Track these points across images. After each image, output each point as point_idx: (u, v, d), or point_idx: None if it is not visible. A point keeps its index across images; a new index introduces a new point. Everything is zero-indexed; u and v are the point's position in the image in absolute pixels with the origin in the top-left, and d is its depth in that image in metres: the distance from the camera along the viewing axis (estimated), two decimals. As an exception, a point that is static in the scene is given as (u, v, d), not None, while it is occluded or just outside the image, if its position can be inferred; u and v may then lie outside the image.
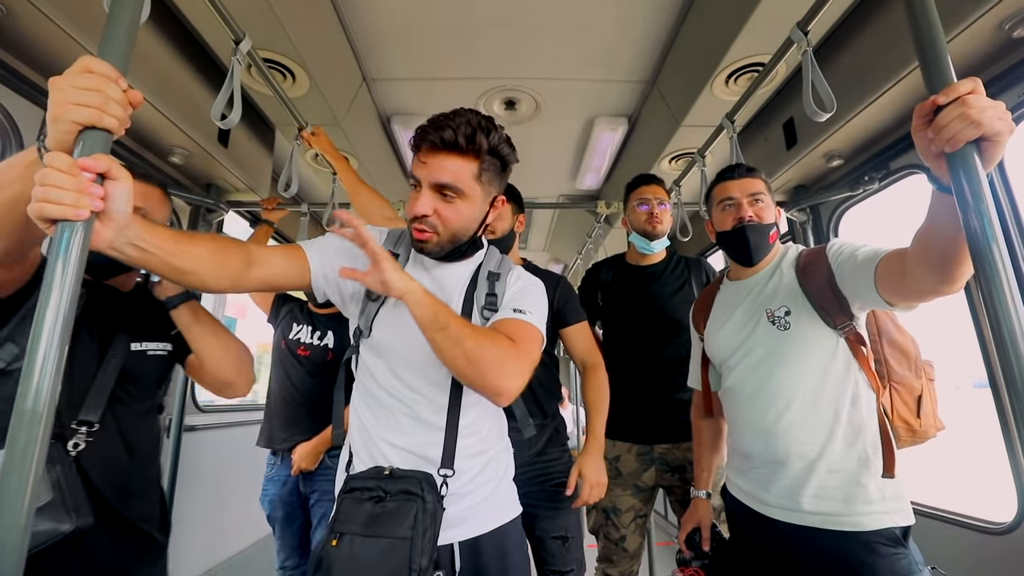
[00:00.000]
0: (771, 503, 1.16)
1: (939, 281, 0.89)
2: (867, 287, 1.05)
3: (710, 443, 1.45)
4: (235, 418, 2.70)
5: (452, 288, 1.04)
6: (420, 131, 0.93)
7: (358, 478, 0.91)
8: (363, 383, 1.01)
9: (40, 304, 0.57)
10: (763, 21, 1.47)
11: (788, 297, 1.19)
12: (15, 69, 1.40)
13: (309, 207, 2.30)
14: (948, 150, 0.69)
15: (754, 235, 1.24)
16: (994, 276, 0.63)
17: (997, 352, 0.63)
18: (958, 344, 1.77)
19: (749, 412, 1.21)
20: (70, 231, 0.60)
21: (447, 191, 0.92)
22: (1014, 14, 1.25)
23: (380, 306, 0.99)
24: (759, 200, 1.26)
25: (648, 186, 1.84)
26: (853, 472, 1.08)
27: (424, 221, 0.93)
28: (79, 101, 0.61)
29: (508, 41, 1.87)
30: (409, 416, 0.96)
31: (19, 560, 0.52)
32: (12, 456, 0.53)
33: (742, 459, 1.25)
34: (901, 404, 1.15)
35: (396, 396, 0.97)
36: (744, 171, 1.31)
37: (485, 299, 1.05)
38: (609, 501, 1.69)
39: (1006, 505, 1.43)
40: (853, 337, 1.12)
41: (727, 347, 1.28)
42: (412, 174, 0.94)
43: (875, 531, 1.04)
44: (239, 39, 1.31)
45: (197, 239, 0.82)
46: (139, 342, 1.12)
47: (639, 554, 1.73)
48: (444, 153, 0.91)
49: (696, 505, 1.43)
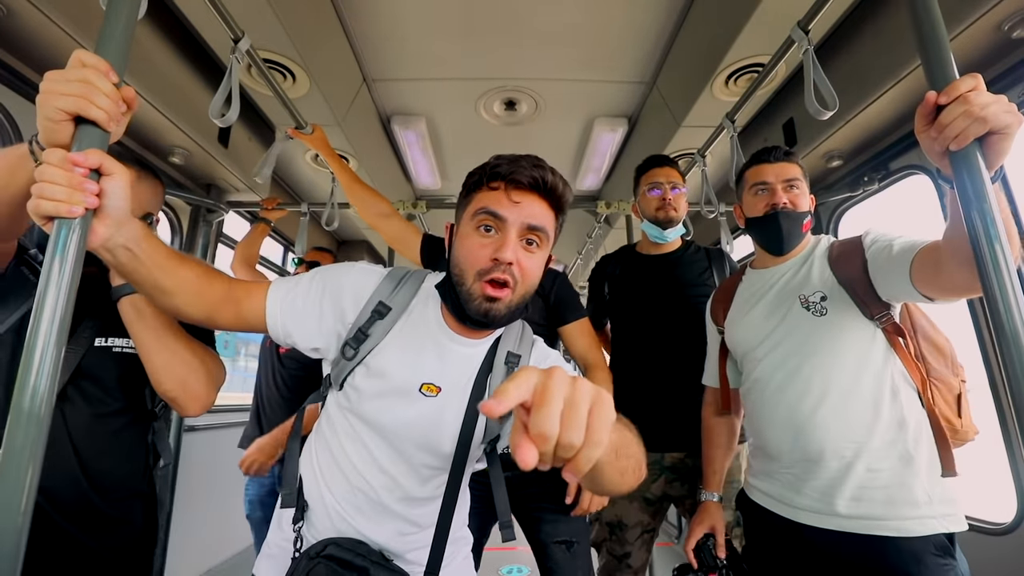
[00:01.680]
0: (802, 506, 1.06)
1: (975, 277, 0.82)
2: (902, 279, 0.98)
3: (724, 442, 1.34)
4: (237, 418, 2.69)
5: (460, 369, 0.85)
6: (505, 163, 0.78)
7: (337, 545, 0.77)
8: (325, 439, 0.87)
9: (37, 302, 0.57)
10: (763, 21, 1.47)
11: (822, 284, 1.11)
12: (15, 69, 1.40)
13: (309, 207, 2.30)
14: (954, 148, 0.68)
15: (787, 222, 1.16)
16: (995, 276, 0.63)
17: (999, 351, 0.62)
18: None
19: (778, 406, 1.11)
20: (67, 228, 0.60)
21: (534, 237, 0.78)
22: (1014, 14, 1.25)
23: (356, 365, 0.83)
24: (794, 186, 1.18)
25: (660, 168, 1.65)
26: (896, 472, 0.98)
27: (508, 270, 0.76)
28: (64, 90, 0.61)
29: (508, 41, 1.87)
30: (375, 505, 0.82)
31: (16, 560, 0.52)
32: (9, 457, 0.53)
33: (767, 461, 1.15)
34: (942, 401, 1.06)
35: (360, 472, 0.82)
36: (781, 154, 1.21)
37: None
38: (615, 515, 1.55)
39: (1006, 505, 1.43)
40: (891, 328, 1.04)
41: (754, 336, 1.19)
42: (489, 210, 0.77)
43: (923, 537, 0.94)
44: (238, 38, 1.31)
45: (186, 261, 0.78)
46: (105, 337, 0.98)
47: (643, 570, 1.59)
48: (535, 195, 0.78)
49: (707, 508, 1.29)
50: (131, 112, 0.69)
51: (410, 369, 0.82)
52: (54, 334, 0.56)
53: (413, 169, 2.79)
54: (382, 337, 0.83)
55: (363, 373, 0.83)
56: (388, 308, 0.84)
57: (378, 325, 0.83)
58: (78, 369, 0.94)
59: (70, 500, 0.92)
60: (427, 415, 0.82)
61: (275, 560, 0.86)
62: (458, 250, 0.81)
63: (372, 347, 0.83)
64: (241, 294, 0.82)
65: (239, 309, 0.81)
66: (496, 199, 0.78)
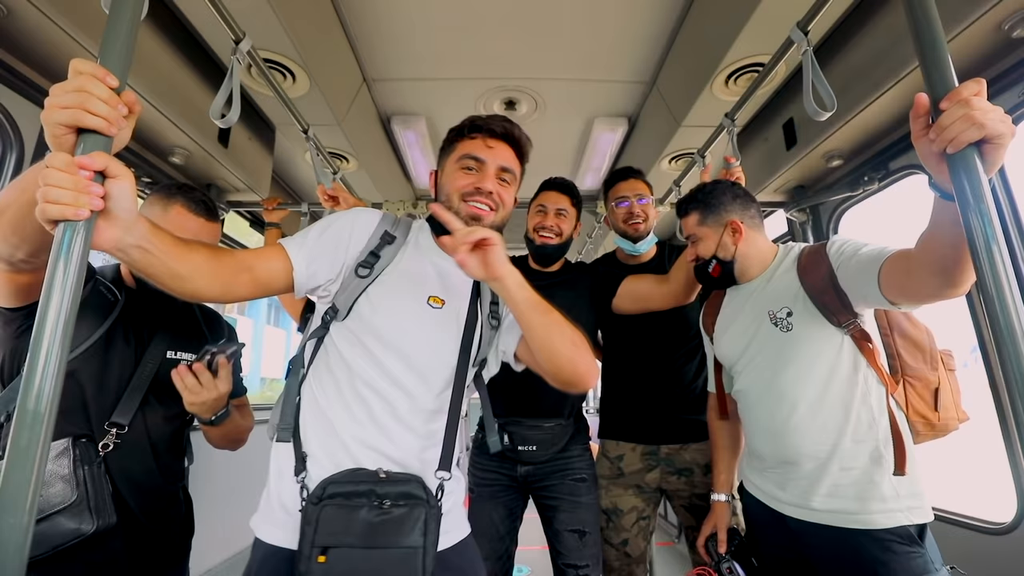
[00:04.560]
0: (785, 500, 1.17)
1: (943, 285, 0.89)
2: (870, 286, 1.04)
3: (728, 445, 1.43)
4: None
5: (457, 285, 1.02)
6: (479, 120, 1.01)
7: (335, 483, 0.81)
8: (331, 372, 0.92)
9: (41, 305, 0.57)
10: (763, 21, 1.47)
11: (789, 298, 1.19)
12: (15, 69, 1.40)
13: (309, 207, 2.30)
14: (950, 151, 0.68)
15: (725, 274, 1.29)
16: (994, 277, 0.64)
17: (997, 352, 0.63)
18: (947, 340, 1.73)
19: (758, 414, 1.22)
20: (71, 231, 0.60)
21: (507, 175, 1.01)
22: (1013, 14, 1.25)
23: (370, 283, 0.94)
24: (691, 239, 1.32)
25: (625, 181, 1.74)
26: (866, 470, 1.08)
27: (489, 197, 0.97)
28: (61, 103, 0.61)
29: (508, 41, 1.87)
30: (389, 414, 0.89)
31: (22, 560, 0.52)
32: (14, 456, 0.53)
33: (756, 459, 1.27)
34: (917, 398, 1.14)
35: (375, 388, 0.90)
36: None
37: (489, 308, 1.05)
38: (610, 502, 1.64)
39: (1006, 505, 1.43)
40: (858, 334, 1.11)
41: (735, 351, 1.29)
42: (471, 155, 0.99)
43: (889, 529, 1.03)
44: (239, 39, 1.31)
45: (194, 246, 0.81)
46: (175, 351, 1.14)
47: (643, 560, 1.65)
48: (504, 143, 1.01)
49: (714, 508, 1.41)
50: (134, 116, 0.69)
51: (418, 284, 0.98)
52: (58, 336, 0.57)
53: (413, 169, 2.79)
54: (391, 258, 0.98)
55: (377, 290, 0.95)
56: (393, 236, 0.99)
57: (387, 249, 0.97)
58: (155, 378, 1.09)
59: (147, 491, 1.08)
60: (437, 323, 0.97)
61: (273, 514, 0.88)
62: (445, 185, 1.01)
63: (385, 266, 0.97)
64: (252, 261, 0.89)
65: (254, 275, 0.88)
66: (476, 146, 0.99)
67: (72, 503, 0.89)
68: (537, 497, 1.56)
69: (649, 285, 1.56)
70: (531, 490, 1.57)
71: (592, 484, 1.56)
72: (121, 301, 1.09)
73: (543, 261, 1.62)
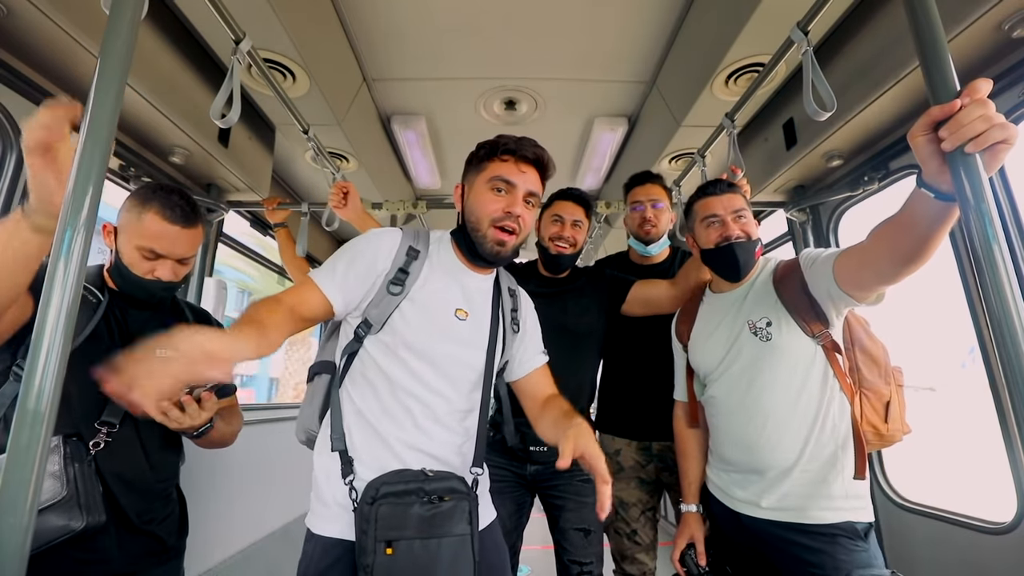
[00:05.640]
0: (738, 498, 1.23)
1: (895, 274, 0.97)
2: (828, 280, 1.11)
3: (697, 455, 1.41)
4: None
5: (479, 297, 1.09)
6: (512, 142, 1.02)
7: (386, 483, 0.90)
8: (368, 381, 1.00)
9: (42, 305, 0.58)
10: (763, 21, 1.47)
11: (768, 308, 1.22)
12: (15, 69, 1.40)
13: (309, 207, 2.30)
14: (970, 150, 0.67)
15: (743, 253, 1.26)
16: (994, 277, 0.64)
17: (997, 352, 0.63)
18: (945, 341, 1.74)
19: (730, 424, 1.25)
20: (72, 231, 0.60)
21: (533, 199, 1.04)
22: (1014, 14, 1.25)
23: (402, 300, 1.00)
24: (742, 216, 1.27)
25: (641, 186, 1.79)
26: (820, 470, 1.14)
27: (516, 220, 1.01)
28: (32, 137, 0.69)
29: (508, 41, 1.87)
30: (429, 417, 0.99)
31: (22, 559, 0.52)
32: (15, 455, 0.53)
33: (722, 462, 1.30)
34: (870, 409, 1.20)
35: (415, 395, 0.98)
36: (725, 187, 1.32)
37: (510, 315, 1.13)
38: (615, 495, 1.68)
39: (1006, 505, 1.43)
40: (829, 345, 1.17)
41: (712, 359, 1.30)
42: (504, 177, 1.01)
43: (836, 524, 1.10)
44: (239, 39, 1.31)
45: (265, 326, 0.85)
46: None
47: (653, 548, 1.71)
48: (534, 168, 1.04)
49: (686, 520, 1.37)
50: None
51: (446, 300, 1.04)
52: (59, 336, 0.57)
53: (413, 169, 2.79)
54: (419, 273, 1.03)
55: (409, 306, 1.00)
56: (417, 251, 1.04)
57: (414, 264, 1.03)
58: None
59: (138, 489, 1.08)
60: (464, 335, 1.04)
61: (329, 511, 0.96)
62: (473, 204, 1.04)
63: (414, 282, 1.02)
64: (294, 302, 0.95)
65: (301, 315, 0.95)
66: (508, 169, 1.02)
67: (62, 499, 0.89)
68: (544, 496, 1.61)
69: (659, 291, 1.59)
70: (538, 489, 1.61)
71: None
72: (104, 302, 1.08)
73: (554, 268, 1.64)
